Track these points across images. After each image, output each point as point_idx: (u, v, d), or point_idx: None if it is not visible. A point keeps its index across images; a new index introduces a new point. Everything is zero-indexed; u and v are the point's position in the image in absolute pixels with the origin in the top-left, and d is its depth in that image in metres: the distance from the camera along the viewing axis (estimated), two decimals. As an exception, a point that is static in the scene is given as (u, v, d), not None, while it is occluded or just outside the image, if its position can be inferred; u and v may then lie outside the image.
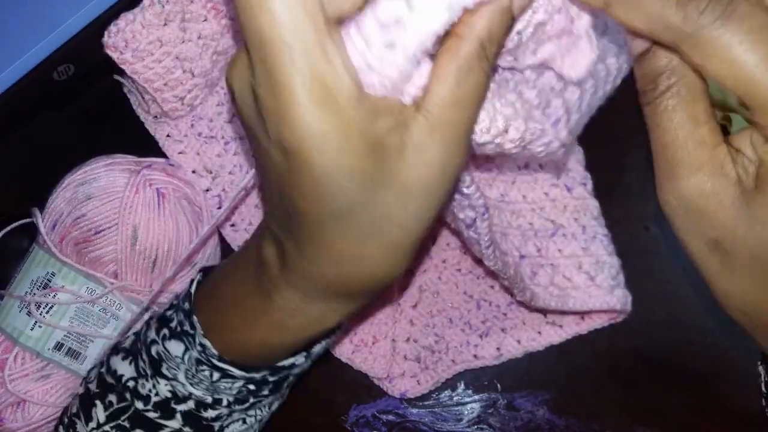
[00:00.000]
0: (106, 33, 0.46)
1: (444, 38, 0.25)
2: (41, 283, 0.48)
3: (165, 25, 0.46)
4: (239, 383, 0.35)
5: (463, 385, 0.54)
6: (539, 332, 0.52)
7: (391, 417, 0.54)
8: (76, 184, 0.48)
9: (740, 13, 0.24)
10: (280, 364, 0.35)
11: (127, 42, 0.46)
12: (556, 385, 0.53)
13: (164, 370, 0.37)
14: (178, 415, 0.37)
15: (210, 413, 0.37)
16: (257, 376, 0.35)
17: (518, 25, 0.27)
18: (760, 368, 0.35)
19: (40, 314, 0.47)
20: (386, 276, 0.29)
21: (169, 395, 0.37)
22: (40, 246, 0.49)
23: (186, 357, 0.36)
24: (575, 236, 0.50)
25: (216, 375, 0.35)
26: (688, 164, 0.27)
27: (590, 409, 0.52)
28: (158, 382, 0.37)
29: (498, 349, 0.53)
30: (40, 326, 0.47)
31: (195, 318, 0.34)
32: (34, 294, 0.47)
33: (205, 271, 0.38)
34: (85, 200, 0.47)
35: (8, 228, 0.51)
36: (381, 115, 0.25)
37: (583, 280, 0.49)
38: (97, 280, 0.47)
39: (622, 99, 0.38)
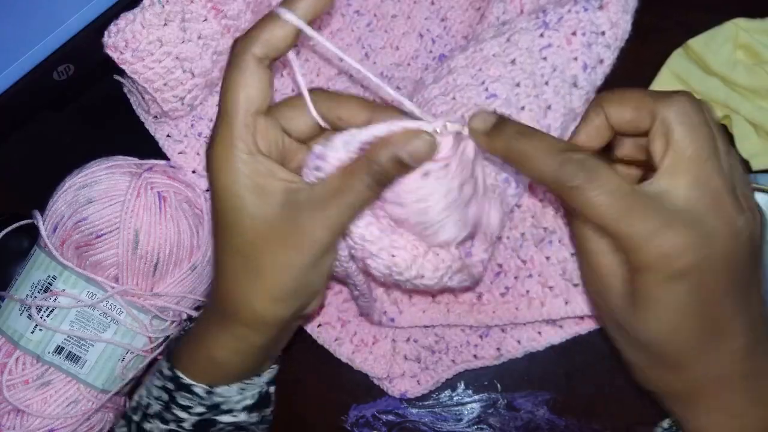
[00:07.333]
0: (106, 33, 0.46)
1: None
2: (42, 287, 0.48)
3: (165, 25, 0.46)
4: (161, 382, 0.43)
5: (463, 385, 0.54)
6: (539, 332, 0.52)
7: (391, 417, 0.54)
8: (77, 186, 0.48)
9: (599, 174, 0.34)
10: (187, 383, 0.42)
11: (127, 42, 0.46)
12: (556, 385, 0.53)
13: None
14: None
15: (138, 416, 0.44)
16: (171, 380, 0.42)
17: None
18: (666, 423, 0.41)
19: (41, 318, 0.47)
20: (263, 310, 0.39)
21: (134, 404, 0.44)
22: (41, 249, 0.49)
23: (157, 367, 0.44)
24: (562, 242, 0.50)
25: (158, 366, 0.43)
26: (597, 261, 0.37)
27: (590, 409, 0.52)
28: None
29: (498, 349, 0.53)
30: (40, 330, 0.47)
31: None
32: (35, 297, 0.47)
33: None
34: (86, 204, 0.47)
35: (8, 229, 0.51)
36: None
37: (565, 285, 0.49)
38: (98, 284, 0.47)
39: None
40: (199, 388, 0.42)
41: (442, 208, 0.38)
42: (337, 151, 0.37)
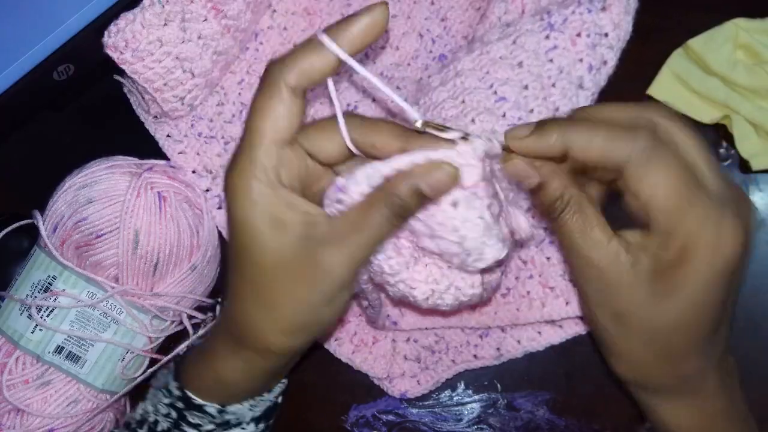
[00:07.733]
0: (106, 33, 0.46)
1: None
2: (42, 287, 0.48)
3: (165, 25, 0.46)
4: (169, 400, 0.42)
5: (463, 385, 0.54)
6: (539, 332, 0.52)
7: (391, 417, 0.54)
8: (77, 186, 0.48)
9: (659, 153, 0.34)
10: (198, 403, 0.42)
11: (127, 42, 0.46)
12: (556, 385, 0.53)
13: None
14: None
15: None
16: (180, 399, 0.42)
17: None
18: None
19: (41, 318, 0.47)
20: (275, 342, 0.38)
21: (139, 418, 0.44)
22: (41, 249, 0.49)
23: (160, 375, 0.44)
24: None
25: (163, 383, 0.43)
26: (591, 257, 0.37)
27: (590, 409, 0.52)
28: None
29: (498, 349, 0.53)
30: (40, 329, 0.47)
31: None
32: (35, 297, 0.47)
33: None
34: (86, 204, 0.47)
35: (8, 229, 0.51)
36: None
37: (565, 286, 0.49)
38: (98, 284, 0.47)
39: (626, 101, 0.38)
40: (211, 408, 0.42)
41: (480, 234, 0.37)
42: (360, 185, 0.36)
